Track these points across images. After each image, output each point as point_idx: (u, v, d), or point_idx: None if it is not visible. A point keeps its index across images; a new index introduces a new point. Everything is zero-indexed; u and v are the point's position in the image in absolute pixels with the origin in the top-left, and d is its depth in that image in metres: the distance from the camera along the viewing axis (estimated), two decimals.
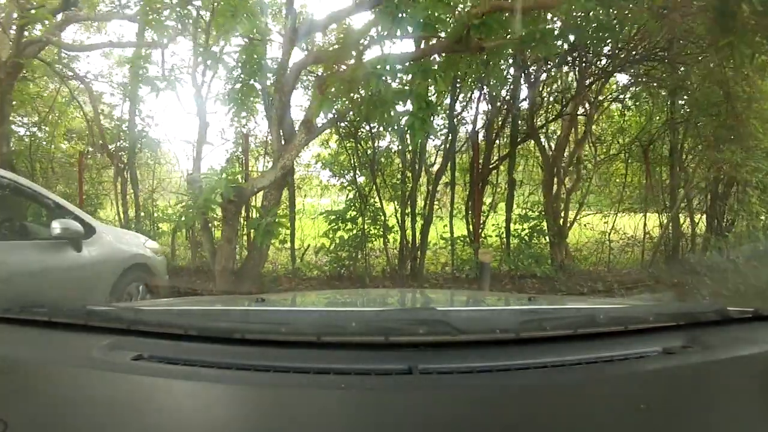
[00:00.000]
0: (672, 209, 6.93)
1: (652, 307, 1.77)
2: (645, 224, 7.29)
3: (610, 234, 7.19)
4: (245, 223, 5.48)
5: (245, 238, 5.93)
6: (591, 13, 4.32)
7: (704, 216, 7.12)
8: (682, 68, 5.66)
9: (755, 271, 5.15)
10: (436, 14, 3.89)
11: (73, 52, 6.78)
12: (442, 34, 4.20)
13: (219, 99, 5.37)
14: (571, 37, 4.61)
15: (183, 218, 4.84)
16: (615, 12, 4.39)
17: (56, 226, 3.01)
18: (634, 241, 7.34)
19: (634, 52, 5.65)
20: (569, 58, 5.83)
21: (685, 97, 6.18)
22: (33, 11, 5.38)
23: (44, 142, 7.43)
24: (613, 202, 7.50)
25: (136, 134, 6.84)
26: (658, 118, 6.91)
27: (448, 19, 4.15)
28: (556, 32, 4.33)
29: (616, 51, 5.66)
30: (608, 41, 5.25)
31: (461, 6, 4.59)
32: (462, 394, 0.97)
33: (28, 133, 7.28)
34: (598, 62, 5.95)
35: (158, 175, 7.38)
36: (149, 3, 4.51)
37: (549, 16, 4.65)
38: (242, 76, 4.79)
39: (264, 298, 1.89)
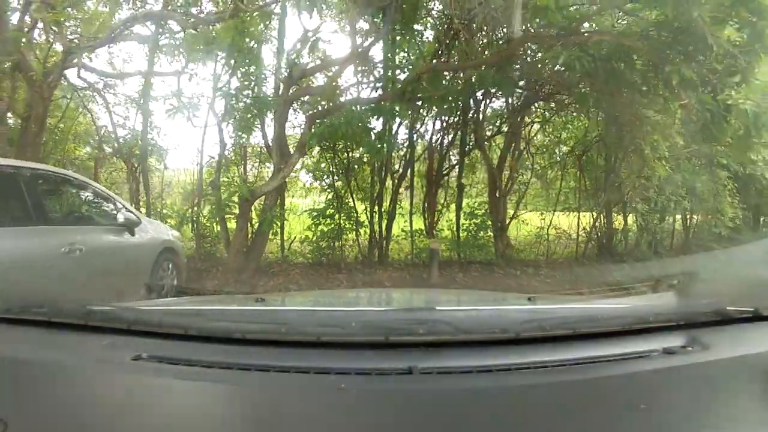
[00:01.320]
0: (602, 209, 8.48)
1: (652, 307, 1.76)
2: (579, 221, 8.80)
3: (548, 229, 8.69)
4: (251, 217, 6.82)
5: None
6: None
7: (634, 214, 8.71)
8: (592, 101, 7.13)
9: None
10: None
11: (108, 78, 8.01)
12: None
13: (225, 119, 6.74)
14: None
15: (208, 212, 6.29)
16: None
17: (120, 217, 4.17)
18: (569, 235, 8.85)
19: (549, 86, 7.15)
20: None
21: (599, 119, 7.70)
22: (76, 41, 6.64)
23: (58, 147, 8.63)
24: (550, 202, 9.00)
25: (147, 143, 8.11)
26: (587, 135, 8.41)
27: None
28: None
29: (537, 86, 7.19)
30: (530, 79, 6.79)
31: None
32: (462, 394, 0.99)
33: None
34: (525, 93, 7.47)
35: (165, 178, 8.66)
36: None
37: None
38: (248, 103, 6.19)
39: (264, 298, 1.93)
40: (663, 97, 5.43)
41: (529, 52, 6.00)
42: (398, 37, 6.67)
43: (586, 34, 4.74)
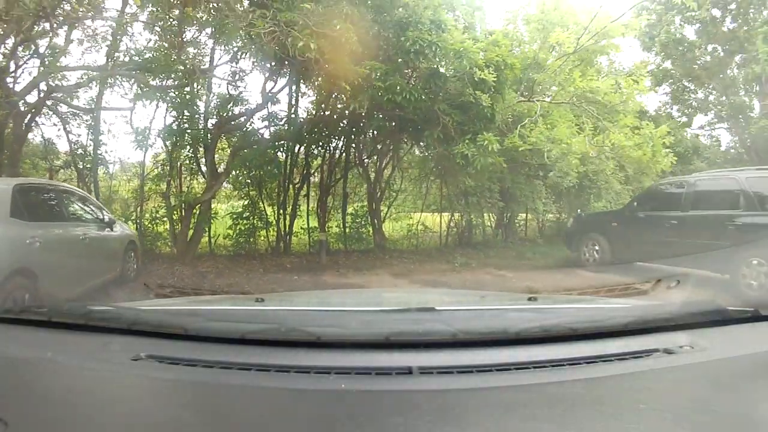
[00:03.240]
0: (462, 210, 11.72)
1: (652, 307, 1.82)
2: (441, 220, 12.07)
3: (417, 226, 11.87)
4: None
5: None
6: None
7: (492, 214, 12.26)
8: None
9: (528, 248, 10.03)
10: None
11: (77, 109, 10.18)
12: None
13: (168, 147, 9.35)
14: None
15: (161, 213, 8.98)
16: None
17: (105, 217, 6.59)
18: (433, 231, 12.10)
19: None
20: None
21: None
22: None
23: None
24: (418, 205, 12.24)
25: (97, 157, 10.37)
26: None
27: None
28: None
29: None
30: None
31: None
32: (462, 393, 1.02)
33: None
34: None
35: (112, 186, 10.98)
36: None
37: None
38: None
39: (264, 298, 2.03)
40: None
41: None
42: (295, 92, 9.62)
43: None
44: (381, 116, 8.61)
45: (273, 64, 7.98)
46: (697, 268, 7.85)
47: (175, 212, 9.11)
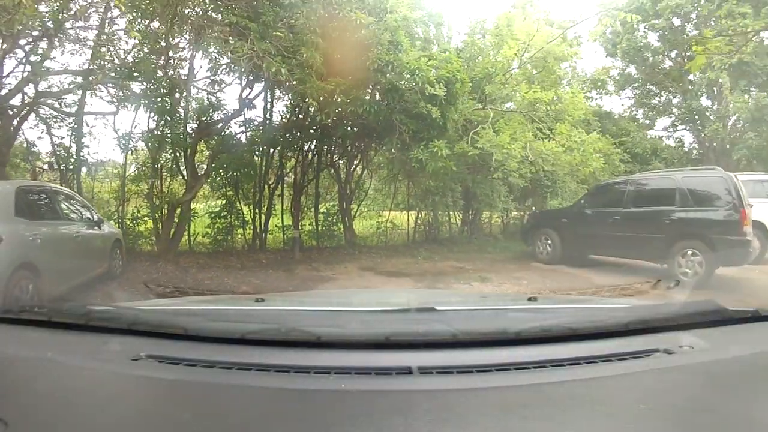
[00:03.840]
0: (429, 208, 12.64)
1: (652, 307, 1.84)
2: (408, 218, 12.99)
3: (386, 223, 12.76)
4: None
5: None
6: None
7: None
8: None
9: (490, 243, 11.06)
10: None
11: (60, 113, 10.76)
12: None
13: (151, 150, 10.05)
14: None
15: (143, 213, 9.67)
16: None
17: (95, 217, 7.22)
18: (401, 228, 13.00)
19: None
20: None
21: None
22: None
23: None
24: (387, 204, 13.12)
25: (80, 159, 10.97)
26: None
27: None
28: None
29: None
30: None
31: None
32: (461, 393, 1.03)
33: None
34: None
35: (94, 188, 11.60)
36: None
37: None
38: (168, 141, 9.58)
39: (264, 298, 2.04)
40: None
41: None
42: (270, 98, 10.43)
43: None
44: (347, 124, 9.59)
45: (250, 77, 8.76)
46: (638, 259, 9.02)
47: (158, 212, 9.81)
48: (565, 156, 9.12)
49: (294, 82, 6.59)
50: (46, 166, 11.38)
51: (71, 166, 10.96)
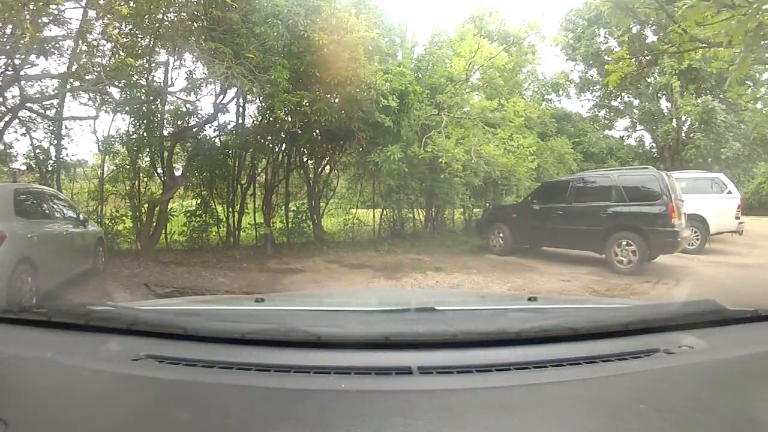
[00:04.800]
0: (394, 206, 13.64)
1: (652, 307, 1.88)
2: (374, 215, 14.01)
3: (353, 220, 13.78)
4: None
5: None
6: None
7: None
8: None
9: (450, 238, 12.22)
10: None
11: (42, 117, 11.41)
12: None
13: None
14: None
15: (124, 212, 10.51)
16: None
17: (81, 217, 7.90)
18: (367, 224, 14.01)
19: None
20: None
21: None
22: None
23: None
24: (354, 202, 14.12)
25: (60, 160, 11.63)
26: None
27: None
28: None
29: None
30: None
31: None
32: (461, 393, 1.05)
33: None
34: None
35: (74, 188, 12.28)
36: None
37: None
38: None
39: (264, 298, 2.07)
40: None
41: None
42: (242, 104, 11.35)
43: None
44: (313, 130, 10.79)
45: (224, 85, 9.64)
46: (581, 249, 10.23)
47: (137, 211, 10.61)
48: (501, 158, 10.30)
49: (263, 96, 7.55)
50: (24, 168, 12.01)
51: (50, 168, 11.62)
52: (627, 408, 1.02)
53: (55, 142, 11.52)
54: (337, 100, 9.50)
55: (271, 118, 11.59)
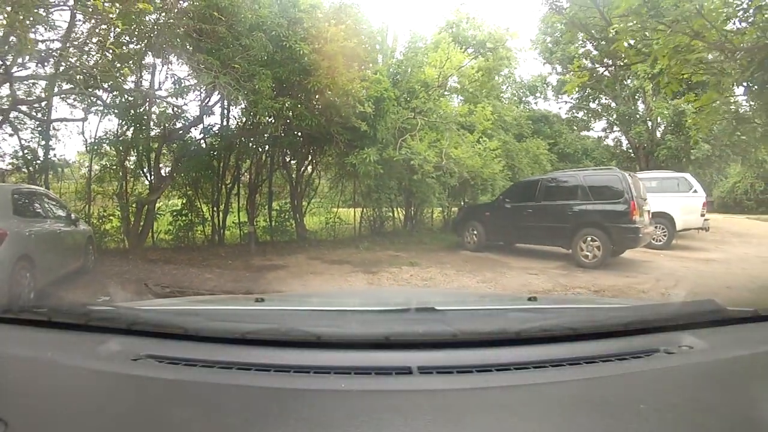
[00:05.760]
0: (374, 205, 14.24)
1: (652, 307, 1.90)
2: (355, 214, 14.61)
3: (334, 219, 14.40)
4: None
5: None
6: None
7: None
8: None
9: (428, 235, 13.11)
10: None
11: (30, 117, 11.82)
12: None
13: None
14: None
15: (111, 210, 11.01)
16: None
17: (72, 216, 8.20)
18: (348, 223, 14.61)
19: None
20: None
21: None
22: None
23: None
24: (335, 202, 14.71)
25: (48, 160, 12.03)
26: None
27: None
28: None
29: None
30: None
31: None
32: (461, 393, 1.07)
33: None
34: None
35: (61, 188, 12.70)
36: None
37: None
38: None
39: (264, 298, 2.09)
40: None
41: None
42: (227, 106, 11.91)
43: None
44: (295, 133, 11.56)
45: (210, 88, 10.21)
46: (550, 245, 10.96)
47: (126, 210, 11.11)
48: (468, 160, 11.05)
49: (248, 103, 8.14)
50: (9, 167, 12.36)
51: (38, 167, 11.99)
52: (627, 408, 1.04)
53: (43, 142, 11.98)
54: (317, 106, 10.23)
55: (255, 120, 12.22)
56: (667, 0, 5.37)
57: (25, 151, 11.89)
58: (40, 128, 11.89)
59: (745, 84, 7.26)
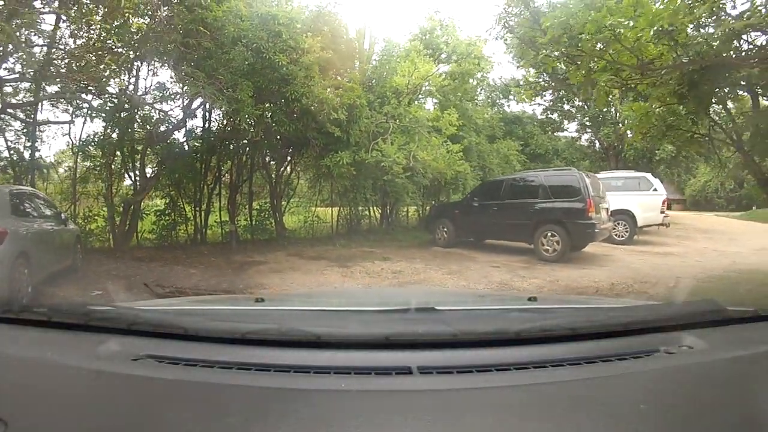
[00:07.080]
0: (350, 204, 15.00)
1: (652, 307, 1.90)
2: (332, 213, 15.40)
3: (312, 218, 15.14)
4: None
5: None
6: None
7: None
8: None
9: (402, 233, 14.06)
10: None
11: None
12: None
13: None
14: None
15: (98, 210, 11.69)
16: None
17: (63, 216, 8.69)
18: (326, 221, 15.38)
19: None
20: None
21: None
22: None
23: None
24: (313, 201, 15.48)
25: (34, 161, 12.55)
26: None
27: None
28: None
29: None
30: None
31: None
32: (461, 393, 1.08)
33: None
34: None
35: (47, 189, 13.20)
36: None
37: None
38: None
39: (264, 298, 2.10)
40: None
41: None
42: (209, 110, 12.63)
43: None
44: (273, 137, 12.44)
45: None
46: (514, 240, 11.89)
47: (112, 210, 11.70)
48: (433, 162, 12.03)
49: (231, 111, 8.92)
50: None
51: (23, 168, 12.44)
52: (627, 408, 1.05)
53: (29, 144, 12.46)
54: (295, 112, 11.14)
55: (235, 125, 12.91)
56: (589, 26, 6.25)
57: (11, 152, 12.36)
58: (25, 130, 12.37)
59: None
